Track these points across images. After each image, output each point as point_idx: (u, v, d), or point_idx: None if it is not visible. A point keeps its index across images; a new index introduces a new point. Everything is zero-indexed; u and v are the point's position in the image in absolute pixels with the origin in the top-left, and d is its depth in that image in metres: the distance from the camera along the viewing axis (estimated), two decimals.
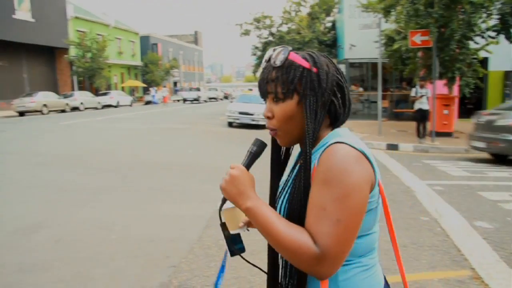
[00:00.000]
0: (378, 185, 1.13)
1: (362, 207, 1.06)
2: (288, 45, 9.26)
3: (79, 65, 37.11)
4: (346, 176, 1.03)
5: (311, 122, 1.13)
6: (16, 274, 3.96)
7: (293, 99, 1.15)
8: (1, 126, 18.91)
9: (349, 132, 1.18)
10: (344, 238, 1.02)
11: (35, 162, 9.38)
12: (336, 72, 1.18)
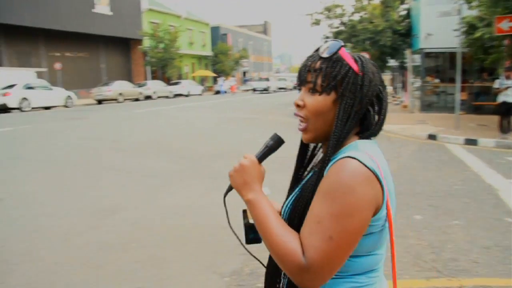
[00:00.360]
0: (386, 208, 1.06)
1: (359, 230, 1.01)
2: (360, 34, 8.87)
3: (152, 56, 38.46)
4: (349, 194, 0.99)
5: (341, 124, 1.09)
6: (98, 252, 4.20)
7: (330, 96, 1.10)
8: (82, 113, 20.03)
9: (372, 146, 1.13)
10: (332, 256, 0.99)
11: (113, 148, 9.83)
12: (379, 83, 1.15)
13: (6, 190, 6.55)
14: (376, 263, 1.12)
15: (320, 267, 0.98)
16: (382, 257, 1.13)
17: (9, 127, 14.47)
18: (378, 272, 1.14)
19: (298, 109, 1.15)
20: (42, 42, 31.86)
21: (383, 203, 1.04)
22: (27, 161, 8.67)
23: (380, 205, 1.04)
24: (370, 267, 1.11)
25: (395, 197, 1.11)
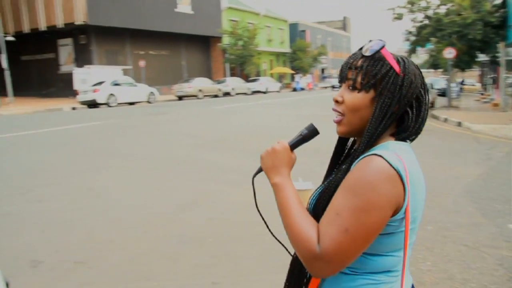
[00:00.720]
0: (406, 210, 1.03)
1: (376, 226, 1.01)
2: (446, 28, 8.25)
3: (231, 53, 39.07)
4: (370, 191, 1.00)
5: (375, 122, 1.10)
6: (177, 245, 4.23)
7: (369, 93, 1.11)
8: (164, 109, 20.76)
9: (405, 148, 1.11)
10: (346, 248, 1.00)
11: (191, 143, 9.99)
12: (421, 85, 1.13)
13: (92, 180, 6.85)
14: (394, 264, 1.11)
15: (332, 257, 1.00)
16: (402, 259, 1.10)
17: (98, 121, 15.29)
18: (397, 274, 1.12)
19: (336, 104, 1.17)
20: (128, 41, 33.50)
21: (403, 205, 1.03)
22: (111, 154, 9.06)
23: (401, 206, 1.03)
24: (390, 267, 1.10)
25: (423, 204, 1.11)
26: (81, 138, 11.42)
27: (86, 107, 23.48)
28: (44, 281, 3.55)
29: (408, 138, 1.15)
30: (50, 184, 6.64)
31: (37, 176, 7.15)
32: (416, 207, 1.07)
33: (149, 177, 7.06)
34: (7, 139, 11.45)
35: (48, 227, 4.80)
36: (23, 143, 10.61)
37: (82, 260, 3.90)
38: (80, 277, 3.60)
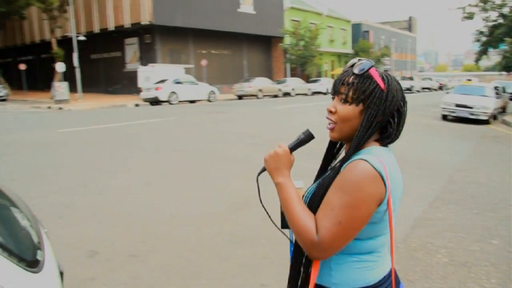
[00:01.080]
0: (388, 203, 1.25)
1: (363, 219, 1.23)
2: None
3: (292, 53, 38.84)
4: (358, 190, 1.21)
5: (363, 131, 1.29)
6: (228, 244, 4.18)
7: (358, 106, 1.30)
8: (224, 107, 20.91)
9: (386, 152, 1.32)
10: (339, 237, 1.22)
11: (249, 142, 9.90)
12: (401, 98, 1.34)
13: (150, 175, 6.89)
14: (378, 246, 1.33)
15: (328, 245, 1.22)
16: (383, 242, 1.33)
17: (159, 118, 15.65)
18: (381, 253, 1.35)
19: (330, 114, 1.36)
20: (191, 41, 34.19)
21: (385, 199, 1.24)
22: (168, 150, 9.16)
23: (383, 200, 1.24)
24: (373, 249, 1.33)
25: (401, 195, 1.33)
26: (141, 134, 11.65)
27: (149, 104, 24.12)
28: (98, 271, 3.60)
29: (390, 143, 1.36)
30: (110, 178, 6.77)
31: (98, 169, 7.33)
32: (395, 201, 1.29)
33: (205, 175, 7.05)
34: (74, 132, 11.89)
35: (106, 219, 4.91)
36: (87, 137, 10.97)
37: (135, 253, 3.94)
38: (132, 270, 3.64)
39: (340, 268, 1.32)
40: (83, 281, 3.43)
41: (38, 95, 32.75)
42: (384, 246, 1.36)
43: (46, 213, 4.89)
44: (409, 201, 5.60)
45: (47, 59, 37.14)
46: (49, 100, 27.13)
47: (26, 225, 1.90)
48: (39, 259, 1.61)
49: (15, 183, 6.11)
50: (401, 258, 3.85)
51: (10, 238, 1.68)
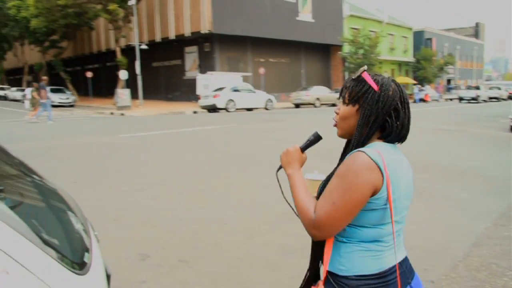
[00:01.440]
0: (387, 190, 1.36)
1: (356, 202, 1.34)
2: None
3: (351, 61, 38.30)
4: (354, 177, 1.34)
5: (360, 128, 1.46)
6: (278, 254, 4.04)
7: (354, 107, 1.48)
8: (280, 116, 20.92)
9: (387, 147, 1.45)
10: (332, 216, 1.35)
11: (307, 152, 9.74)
12: (399, 98, 1.46)
13: (205, 182, 6.96)
14: (383, 235, 1.42)
15: (323, 223, 1.37)
16: (387, 232, 1.41)
17: (217, 125, 15.86)
18: (387, 244, 1.43)
19: (336, 115, 1.56)
20: (249, 49, 34.54)
21: (382, 187, 1.35)
22: (223, 157, 9.21)
23: (379, 188, 1.35)
24: (378, 238, 1.42)
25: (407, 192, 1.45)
26: (197, 141, 11.83)
27: (206, 112, 24.55)
28: (149, 275, 3.63)
29: (392, 141, 1.48)
30: (165, 183, 6.89)
31: (153, 174, 7.47)
32: (396, 192, 1.39)
33: (258, 182, 7.01)
34: (134, 138, 12.27)
35: (159, 223, 4.96)
36: (146, 142, 11.28)
37: (186, 259, 3.94)
38: (181, 276, 3.63)
39: (348, 256, 1.44)
40: (134, 284, 3.47)
41: (102, 102, 34.29)
42: (389, 236, 1.44)
43: (102, 215, 5.04)
44: (470, 216, 5.28)
45: (112, 67, 38.84)
46: (112, 106, 28.29)
47: (79, 229, 1.93)
48: (86, 261, 1.62)
49: (77, 186, 6.36)
50: (461, 277, 3.61)
51: (61, 242, 1.70)
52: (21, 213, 1.55)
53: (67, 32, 37.09)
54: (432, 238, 4.57)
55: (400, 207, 1.43)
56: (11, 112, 28.09)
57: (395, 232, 1.43)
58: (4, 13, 40.89)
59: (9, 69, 59.80)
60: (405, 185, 1.44)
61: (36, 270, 1.24)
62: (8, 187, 1.86)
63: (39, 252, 1.30)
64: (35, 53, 47.42)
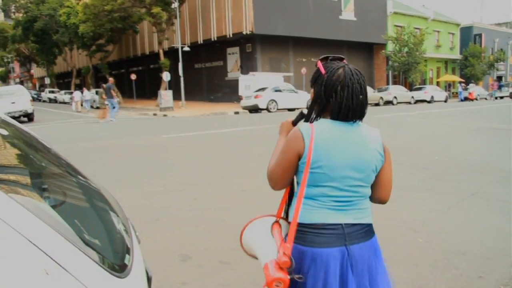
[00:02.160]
0: (307, 157, 1.73)
1: (287, 162, 1.80)
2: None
3: (395, 60, 37.38)
4: (286, 143, 1.81)
5: (312, 105, 1.88)
6: None
7: (313, 89, 1.86)
8: None
9: (327, 122, 1.79)
10: (274, 171, 1.85)
11: None
12: (340, 83, 1.75)
13: (246, 183, 6.94)
14: (316, 195, 1.77)
15: (269, 176, 1.88)
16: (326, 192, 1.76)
17: (258, 126, 15.93)
18: (321, 203, 1.77)
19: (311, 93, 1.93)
20: (291, 49, 34.41)
21: (304, 153, 1.73)
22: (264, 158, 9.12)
23: (302, 154, 1.74)
24: (313, 196, 1.78)
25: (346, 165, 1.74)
26: (238, 141, 11.84)
27: (248, 112, 24.60)
28: (190, 276, 3.62)
29: (337, 118, 1.78)
30: (208, 183, 6.90)
31: (195, 174, 7.52)
32: (323, 159, 1.72)
33: None
34: (176, 138, 12.43)
35: (201, 224, 4.96)
36: (188, 143, 11.38)
37: (227, 261, 3.91)
38: (223, 277, 3.61)
39: (293, 206, 1.85)
40: (174, 285, 3.47)
41: (146, 103, 35.04)
42: (324, 197, 1.76)
43: (144, 215, 5.09)
44: None
45: (155, 69, 39.67)
46: (155, 107, 28.86)
47: (121, 229, 1.92)
48: (127, 263, 1.60)
49: (119, 185, 6.47)
50: None
51: (102, 243, 1.69)
52: (63, 213, 1.55)
53: (113, 36, 38.17)
54: (489, 245, 4.33)
55: (336, 176, 1.74)
56: (62, 114, 29.19)
57: (332, 197, 1.76)
58: (55, 20, 42.71)
59: (59, 73, 62.25)
60: (346, 157, 1.74)
61: (75, 272, 1.22)
62: (52, 186, 1.87)
63: (79, 254, 1.28)
64: (82, 57, 49.20)
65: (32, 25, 45.83)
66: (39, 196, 1.59)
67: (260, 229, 2.00)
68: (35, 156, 2.09)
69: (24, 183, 1.66)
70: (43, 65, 58.66)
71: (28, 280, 1.14)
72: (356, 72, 1.82)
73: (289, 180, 1.86)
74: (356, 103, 1.77)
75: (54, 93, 49.08)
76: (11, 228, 1.16)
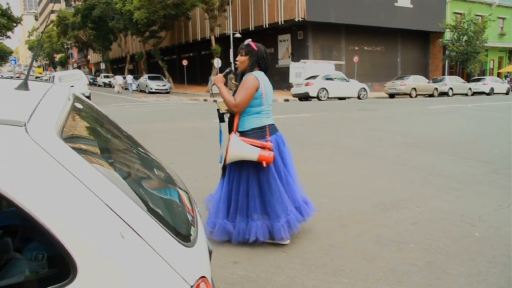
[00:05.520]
0: (261, 89, 3.66)
1: (250, 94, 3.60)
2: None
3: (453, 49, 35.85)
4: (248, 83, 3.61)
5: (250, 66, 3.74)
6: (373, 245, 3.95)
7: (246, 56, 3.75)
8: (374, 105, 20.28)
9: (261, 73, 3.75)
10: (242, 101, 3.59)
11: (402, 142, 9.36)
12: (264, 55, 3.78)
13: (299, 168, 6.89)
14: (260, 111, 3.73)
15: (238, 104, 3.60)
16: (262, 110, 3.75)
17: (308, 114, 15.76)
18: (262, 115, 3.76)
19: (238, 62, 3.83)
20: (343, 37, 33.81)
21: (260, 87, 3.65)
22: (317, 145, 9.13)
23: (258, 87, 3.63)
24: (258, 111, 3.72)
25: (271, 93, 3.87)
26: (288, 128, 11.82)
27: (298, 100, 24.46)
28: (241, 256, 3.68)
29: (263, 70, 3.79)
30: None
31: None
32: (266, 91, 3.73)
33: (352, 172, 6.86)
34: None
35: None
36: None
37: (279, 243, 3.91)
38: (273, 259, 3.65)
39: (246, 119, 3.71)
40: (227, 263, 3.55)
41: (196, 89, 35.59)
42: (262, 112, 3.73)
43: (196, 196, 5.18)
44: None
45: (206, 56, 40.10)
46: (206, 93, 29.22)
47: (184, 203, 1.97)
48: (192, 234, 1.64)
49: (173, 166, 6.61)
50: None
51: (169, 214, 1.75)
52: (131, 184, 1.60)
53: (166, 23, 38.83)
54: None
55: (268, 99, 3.75)
56: (116, 98, 30.13)
57: (266, 111, 3.77)
58: (112, 7, 44.01)
59: (114, 59, 64.20)
60: (269, 90, 3.79)
61: (148, 239, 1.27)
62: (120, 159, 1.95)
63: (151, 221, 1.33)
64: (136, 43, 50.45)
65: (90, 13, 47.50)
66: (112, 167, 1.66)
67: (237, 144, 3.56)
68: (106, 130, 2.18)
69: (98, 154, 1.74)
70: (99, 51, 60.75)
71: (106, 242, 1.21)
72: (264, 47, 3.83)
73: (246, 106, 3.65)
74: (269, 64, 3.85)
75: (108, 77, 50.77)
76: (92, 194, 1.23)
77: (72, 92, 2.13)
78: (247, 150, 3.51)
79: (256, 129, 3.66)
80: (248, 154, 3.52)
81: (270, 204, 3.71)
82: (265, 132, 3.67)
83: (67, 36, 62.75)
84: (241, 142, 3.53)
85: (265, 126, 3.69)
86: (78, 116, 1.99)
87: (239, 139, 3.56)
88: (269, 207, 3.72)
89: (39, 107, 1.48)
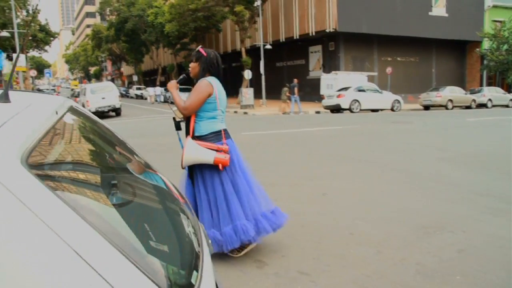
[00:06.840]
0: (215, 94, 3.66)
1: (201, 99, 3.60)
2: None
3: (491, 59, 34.55)
4: (201, 88, 3.61)
5: (202, 72, 3.74)
6: (414, 276, 3.50)
7: (197, 63, 3.78)
8: (408, 118, 19.60)
9: (214, 79, 3.75)
10: (192, 103, 3.60)
11: (439, 157, 8.77)
12: (214, 60, 3.76)
13: (328, 186, 6.52)
14: (215, 116, 3.73)
15: (187, 108, 3.63)
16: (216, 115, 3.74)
17: (339, 126, 15.32)
18: (217, 120, 3.75)
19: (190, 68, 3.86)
20: (375, 48, 33.18)
21: (214, 93, 3.64)
22: (347, 160, 8.68)
23: (212, 93, 3.63)
24: (213, 116, 3.71)
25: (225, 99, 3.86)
26: (320, 141, 11.41)
27: (329, 112, 23.98)
28: (265, 285, 3.35)
29: (215, 76, 3.77)
30: (288, 185, 6.60)
31: (276, 174, 7.25)
32: (220, 96, 3.72)
33: (386, 189, 6.37)
34: (255, 136, 12.24)
35: (280, 229, 4.57)
36: (267, 141, 11.12)
37: (307, 271, 3.57)
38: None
39: (202, 124, 3.70)
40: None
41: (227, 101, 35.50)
42: (217, 117, 3.75)
43: None
44: None
45: (237, 67, 40.10)
46: (236, 105, 29.08)
47: (190, 232, 1.67)
48: (193, 283, 1.30)
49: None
50: None
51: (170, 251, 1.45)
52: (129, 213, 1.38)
53: (196, 35, 39.15)
54: None
55: (222, 104, 3.76)
56: (146, 110, 30.37)
57: (220, 115, 3.78)
58: (144, 21, 44.80)
59: (146, 71, 65.28)
60: (223, 96, 3.80)
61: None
62: (121, 183, 1.64)
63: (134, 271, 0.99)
64: (167, 56, 51.15)
65: (123, 26, 48.54)
66: (103, 194, 1.35)
67: (192, 147, 3.57)
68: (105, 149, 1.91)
69: (86, 179, 1.43)
70: (132, 63, 61.90)
71: None
72: (216, 53, 3.83)
73: (196, 110, 3.65)
74: (221, 70, 3.84)
75: (140, 89, 51.57)
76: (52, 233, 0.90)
77: (67, 104, 1.85)
78: (202, 153, 3.56)
79: (212, 133, 3.68)
80: (204, 157, 3.56)
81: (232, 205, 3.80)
82: (220, 136, 3.70)
83: (101, 49, 64.31)
84: (196, 146, 3.58)
85: (221, 130, 3.73)
86: (67, 133, 1.69)
87: (195, 142, 3.61)
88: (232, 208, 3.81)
89: (6, 125, 1.17)
